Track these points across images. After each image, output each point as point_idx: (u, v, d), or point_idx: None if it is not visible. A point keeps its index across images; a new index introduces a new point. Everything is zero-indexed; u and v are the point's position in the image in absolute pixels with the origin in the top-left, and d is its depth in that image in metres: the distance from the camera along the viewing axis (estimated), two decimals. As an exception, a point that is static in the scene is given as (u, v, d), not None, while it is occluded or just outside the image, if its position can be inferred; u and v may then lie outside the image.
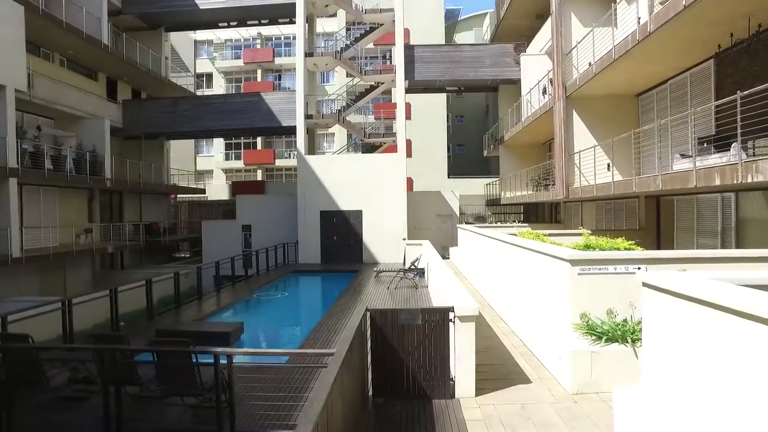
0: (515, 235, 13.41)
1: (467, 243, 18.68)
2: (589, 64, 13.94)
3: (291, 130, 24.10)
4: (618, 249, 8.59)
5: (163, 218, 29.94)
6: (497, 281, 11.65)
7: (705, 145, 10.32)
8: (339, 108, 25.03)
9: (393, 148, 23.77)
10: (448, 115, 46.13)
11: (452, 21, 49.58)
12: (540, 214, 27.68)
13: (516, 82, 24.21)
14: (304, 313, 13.74)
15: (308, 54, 23.97)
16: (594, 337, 6.58)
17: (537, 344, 7.94)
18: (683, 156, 11.16)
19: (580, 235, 15.11)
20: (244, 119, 25.92)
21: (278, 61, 42.33)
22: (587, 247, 8.91)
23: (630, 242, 8.77)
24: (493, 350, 8.24)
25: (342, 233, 22.94)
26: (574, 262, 6.84)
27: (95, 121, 21.68)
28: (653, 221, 14.75)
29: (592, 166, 13.90)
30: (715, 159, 9.52)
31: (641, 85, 14.13)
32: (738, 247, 11.02)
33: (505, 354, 8.14)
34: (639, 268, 6.92)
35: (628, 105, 14.99)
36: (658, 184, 9.58)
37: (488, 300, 12.44)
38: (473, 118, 48.63)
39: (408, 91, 25.02)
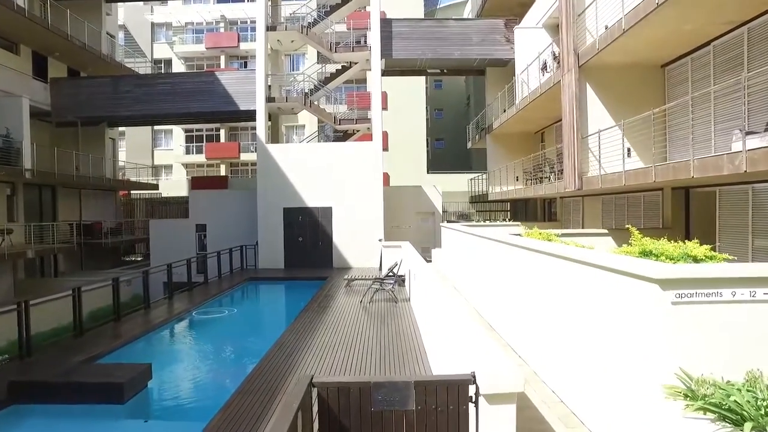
0: (520, 236, 10.67)
1: (454, 245, 15.89)
2: (606, 27, 11.28)
3: (252, 116, 20.93)
4: (695, 258, 5.85)
5: (109, 217, 26.37)
6: (506, 299, 8.81)
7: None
8: (306, 90, 21.94)
9: (368, 137, 20.85)
10: (427, 108, 43.46)
11: (431, 8, 46.98)
12: (531, 212, 25.13)
13: (506, 63, 21.51)
14: (251, 341, 10.71)
15: (270, 27, 20.84)
16: (715, 416, 3.77)
17: (589, 407, 5.12)
18: (751, 133, 8.54)
19: (604, 234, 12.49)
20: (197, 102, 22.59)
21: (244, 46, 38.86)
22: (646, 254, 6.15)
23: (705, 248, 6.05)
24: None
25: (309, 234, 19.88)
26: (666, 284, 4.03)
27: (9, 100, 18.09)
28: (681, 219, 12.16)
29: (613, 150, 11.24)
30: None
31: (671, 52, 11.49)
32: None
33: (534, 418, 5.31)
34: (772, 293, 4.16)
35: (653, 78, 12.35)
36: (739, 164, 6.88)
37: (491, 321, 9.62)
38: (453, 112, 46.06)
39: (385, 73, 22.11)
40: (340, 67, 22.09)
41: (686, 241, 6.71)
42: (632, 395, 4.40)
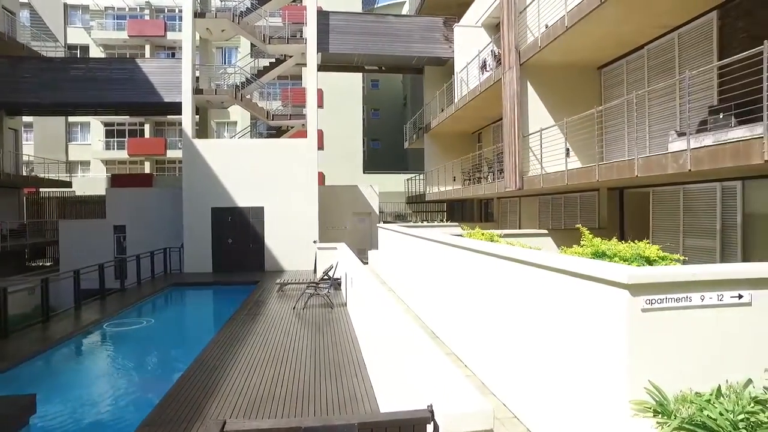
0: (461, 236, 10.29)
1: (392, 246, 15.38)
2: (546, 26, 11.18)
3: (178, 109, 19.40)
4: (648, 259, 5.60)
5: (9, 217, 23.65)
6: (450, 305, 8.34)
7: (721, 116, 7.75)
8: (238, 83, 20.68)
9: (302, 134, 19.94)
10: (363, 108, 42.97)
11: (369, 8, 46.55)
12: (468, 212, 25.15)
13: (445, 62, 21.34)
14: (170, 357, 9.57)
15: (199, 14, 19.45)
16: (689, 438, 3.38)
17: (548, 425, 4.67)
18: (684, 134, 8.59)
19: (544, 235, 12.38)
20: (115, 92, 20.67)
21: (171, 36, 36.46)
22: (599, 255, 5.84)
23: (656, 248, 5.83)
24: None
25: (239, 235, 18.69)
26: (637, 289, 3.62)
27: None
28: (616, 219, 12.31)
29: (554, 150, 11.15)
30: (740, 132, 6.93)
31: (608, 53, 11.58)
32: (744, 249, 8.64)
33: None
34: (740, 296, 3.86)
35: (590, 79, 12.42)
36: (683, 163, 6.75)
37: (434, 329, 9.12)
38: (390, 111, 45.92)
39: (321, 68, 21.30)
40: (274, 60, 21.02)
41: (622, 241, 6.52)
42: (597, 411, 3.97)
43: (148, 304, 13.45)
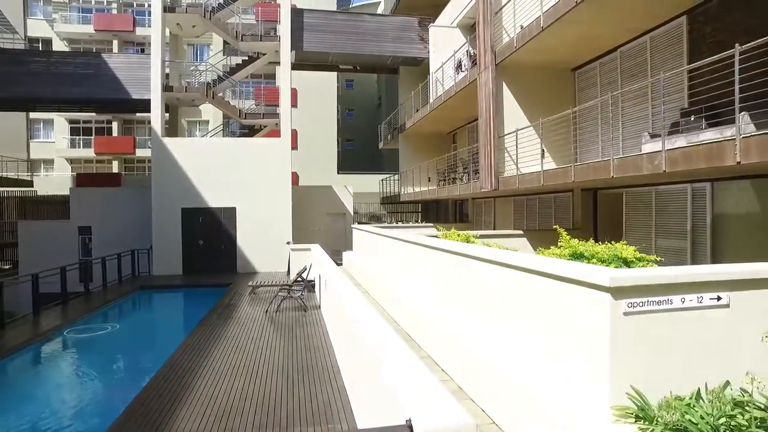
0: (437, 237, 10.20)
1: (367, 247, 15.23)
2: (522, 27, 11.20)
3: (147, 107, 18.80)
4: (626, 260, 5.58)
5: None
6: (426, 307, 8.22)
7: (692, 118, 7.85)
8: (209, 81, 20.19)
9: (276, 133, 19.60)
10: (338, 108, 42.70)
11: (344, 6, 46.29)
12: (442, 213, 25.19)
13: (420, 63, 21.29)
14: (133, 366, 9.15)
15: (169, 8, 18.90)
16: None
17: (527, 429, 4.57)
18: (656, 136, 8.68)
19: (519, 236, 12.37)
20: (79, 87, 19.93)
21: (141, 32, 35.35)
22: (577, 256, 5.80)
23: (633, 249, 5.82)
24: None
25: (210, 236, 18.24)
26: (619, 292, 3.54)
27: None
28: (590, 219, 12.42)
29: (530, 150, 11.16)
30: (710, 134, 7.01)
31: (582, 55, 11.68)
32: (713, 249, 8.78)
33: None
34: (719, 298, 3.83)
35: (564, 81, 12.52)
36: (658, 164, 6.77)
37: (410, 332, 8.98)
38: (365, 112, 45.75)
39: (295, 66, 20.98)
40: (247, 58, 20.61)
41: (597, 242, 6.51)
42: (579, 417, 3.88)
43: (114, 309, 12.96)
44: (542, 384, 4.36)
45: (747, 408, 3.52)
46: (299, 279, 12.53)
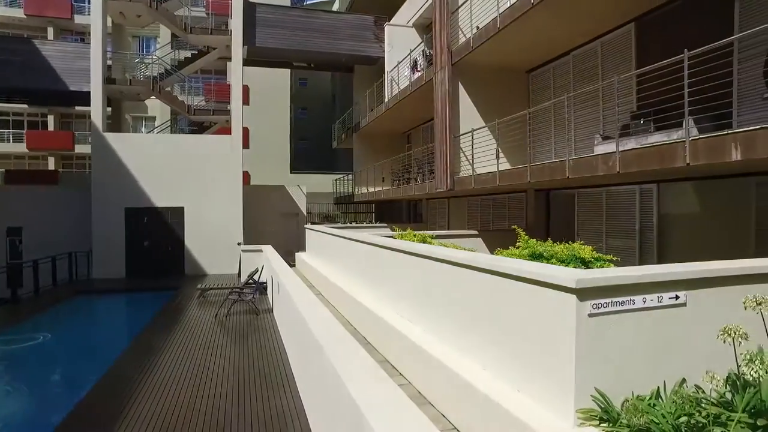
0: (392, 237, 10.08)
1: (321, 248, 14.94)
2: (477, 27, 11.25)
3: (85, 99, 17.69)
4: (584, 260, 5.60)
5: None
6: (383, 310, 8.06)
7: (642, 121, 8.07)
8: (156, 74, 19.27)
9: (226, 131, 18.94)
10: (291, 106, 42.00)
11: (299, 2, 45.54)
12: (396, 213, 25.16)
13: (375, 62, 21.15)
14: (66, 379, 8.45)
15: (110, -5, 17.88)
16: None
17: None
18: (606, 138, 8.89)
19: (474, 236, 12.41)
20: (4, 76, 18.50)
21: (80, 20, 33.30)
22: (536, 256, 5.78)
23: (589, 248, 5.87)
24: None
25: (156, 237, 17.39)
26: (584, 293, 3.49)
27: None
28: (543, 220, 12.64)
29: (485, 150, 11.22)
30: (658, 137, 7.23)
31: (537, 58, 11.86)
32: (660, 248, 9.08)
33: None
34: (677, 297, 3.85)
35: (518, 83, 12.68)
36: (612, 165, 6.87)
37: (365, 335, 8.79)
38: (318, 111, 45.16)
39: (247, 62, 20.35)
40: (197, 52, 19.82)
41: (555, 242, 6.55)
42: (544, 422, 3.80)
43: (47, 316, 12.03)
44: (506, 389, 4.27)
45: (703, 405, 3.56)
46: (251, 281, 12.09)
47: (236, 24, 18.24)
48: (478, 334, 4.86)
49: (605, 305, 3.56)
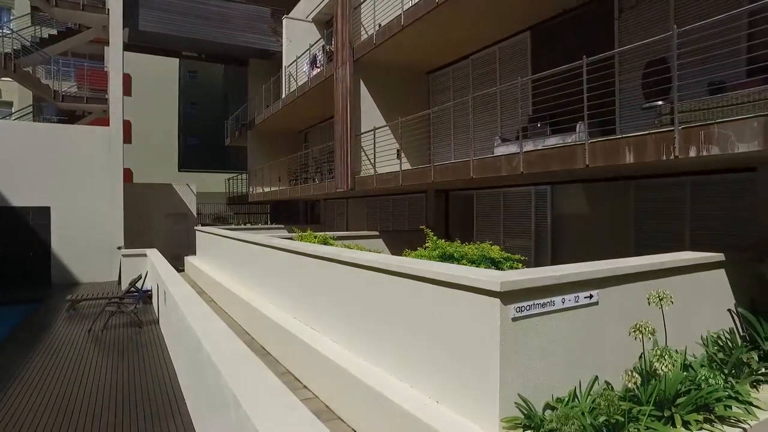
0: (292, 239, 9.59)
1: (213, 251, 13.92)
2: (380, 25, 11.10)
3: None
4: (494, 260, 5.58)
5: None
6: (285, 318, 7.54)
7: (539, 124, 8.39)
8: (10, 51, 16.72)
9: (104, 122, 16.99)
10: (180, 100, 39.28)
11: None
12: (293, 214, 24.44)
13: (272, 56, 20.30)
14: None
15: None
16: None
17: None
18: (505, 140, 9.17)
19: (375, 237, 12.20)
20: None
21: None
22: (446, 257, 5.66)
23: (497, 248, 5.89)
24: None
25: (15, 241, 15.06)
26: (508, 297, 3.34)
27: None
28: (442, 220, 12.84)
29: (386, 150, 11.10)
30: (554, 140, 7.57)
31: (438, 59, 11.98)
32: (553, 247, 9.56)
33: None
34: (591, 296, 3.88)
35: (419, 84, 12.75)
36: (516, 165, 7.00)
37: (264, 344, 8.19)
38: (210, 106, 42.65)
39: (129, 47, 18.47)
40: (65, 30, 17.55)
41: (465, 243, 6.53)
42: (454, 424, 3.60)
43: None
44: (425, 400, 4.03)
45: (615, 401, 3.59)
46: (133, 290, 10.84)
47: (115, 2, 16.41)
48: (393, 342, 4.59)
49: (528, 308, 3.45)
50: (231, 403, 2.93)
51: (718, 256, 5.10)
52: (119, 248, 15.47)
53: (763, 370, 4.64)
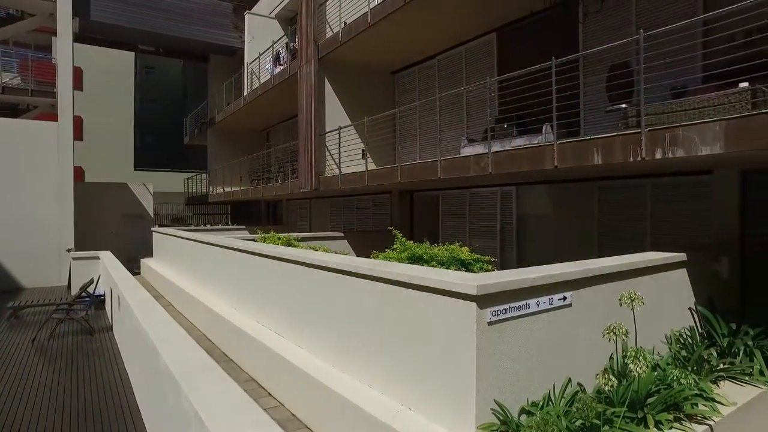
0: (255, 240, 9.30)
1: (171, 253, 13.39)
2: (345, 23, 10.93)
3: None
4: (464, 261, 5.51)
5: None
6: (249, 323, 7.26)
7: (505, 125, 8.41)
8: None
9: (51, 117, 16.09)
10: (136, 96, 37.89)
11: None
12: (254, 214, 23.91)
13: (234, 53, 19.76)
14: None
15: None
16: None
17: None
18: (471, 141, 9.16)
19: (340, 238, 11.98)
20: None
21: None
22: (416, 258, 5.54)
23: (466, 249, 5.82)
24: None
25: (-50, 243, 14.04)
26: (484, 300, 3.24)
27: None
28: (407, 220, 12.76)
29: (352, 150, 10.94)
30: (521, 141, 7.59)
31: (403, 59, 11.90)
32: (518, 247, 9.63)
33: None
34: (564, 297, 3.84)
35: (385, 83, 12.63)
36: (484, 165, 6.95)
37: (226, 349, 7.87)
38: (168, 103, 41.34)
39: (80, 38, 17.57)
40: (5, 16, 16.51)
41: (434, 244, 6.45)
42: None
43: None
44: (398, 407, 3.89)
45: (588, 404, 3.55)
46: (84, 295, 10.25)
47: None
48: (363, 348, 4.43)
49: (504, 311, 3.37)
50: (192, 420, 2.71)
51: (681, 256, 5.19)
52: (69, 251, 14.67)
53: (722, 366, 4.74)
